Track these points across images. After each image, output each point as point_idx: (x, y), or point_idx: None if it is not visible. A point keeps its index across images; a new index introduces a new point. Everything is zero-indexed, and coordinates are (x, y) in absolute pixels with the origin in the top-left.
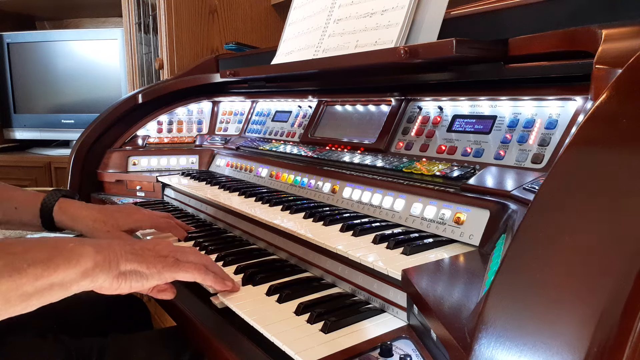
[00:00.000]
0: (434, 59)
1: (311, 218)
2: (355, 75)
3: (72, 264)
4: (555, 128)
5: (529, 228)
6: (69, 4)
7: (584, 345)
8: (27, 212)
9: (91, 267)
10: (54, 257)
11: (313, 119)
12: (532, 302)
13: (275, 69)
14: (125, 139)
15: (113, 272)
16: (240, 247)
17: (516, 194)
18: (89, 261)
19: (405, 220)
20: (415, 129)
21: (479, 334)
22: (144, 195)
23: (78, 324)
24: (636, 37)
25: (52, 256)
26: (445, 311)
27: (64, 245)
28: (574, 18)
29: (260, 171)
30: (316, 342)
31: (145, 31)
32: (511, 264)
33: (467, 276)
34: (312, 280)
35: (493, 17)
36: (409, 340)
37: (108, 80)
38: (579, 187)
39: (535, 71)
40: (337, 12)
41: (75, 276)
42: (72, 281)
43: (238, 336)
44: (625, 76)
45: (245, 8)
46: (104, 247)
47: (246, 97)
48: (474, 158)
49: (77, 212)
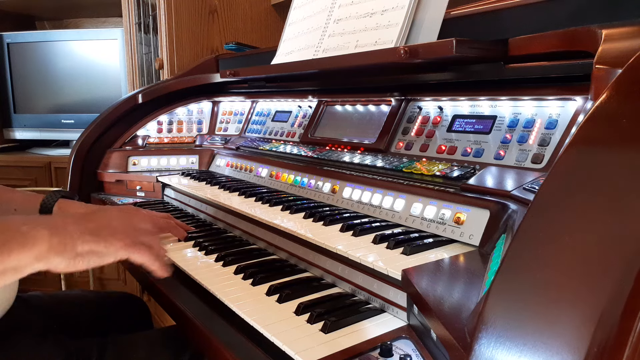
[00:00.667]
0: (434, 59)
1: (311, 218)
2: (355, 75)
3: (27, 248)
4: (555, 128)
5: (529, 228)
6: (69, 4)
7: (584, 345)
8: (26, 213)
9: (45, 250)
10: (7, 241)
11: (313, 119)
12: (532, 302)
13: (275, 69)
14: (125, 139)
15: (69, 254)
16: (240, 247)
17: (516, 194)
18: (44, 244)
19: (405, 220)
20: (415, 129)
21: (479, 334)
22: (144, 195)
23: (78, 324)
24: (636, 37)
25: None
26: (445, 311)
27: (17, 228)
28: (574, 18)
29: (260, 171)
30: (316, 342)
31: (145, 31)
32: (511, 264)
33: (467, 276)
34: (312, 280)
35: (493, 17)
36: (409, 340)
37: (108, 80)
38: (579, 187)
39: (535, 71)
40: (337, 12)
41: (30, 260)
42: (25, 265)
43: (238, 336)
44: (625, 76)
45: (245, 8)
46: (60, 228)
47: (246, 97)
48: (474, 158)
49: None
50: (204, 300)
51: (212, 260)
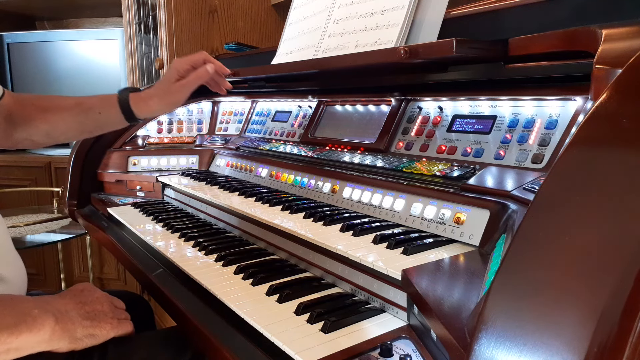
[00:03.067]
0: (434, 59)
1: (311, 218)
2: (355, 75)
3: (33, 333)
4: (555, 128)
5: (529, 228)
6: (69, 4)
7: (584, 345)
8: (110, 113)
9: (48, 338)
10: (18, 324)
11: (313, 119)
12: (532, 302)
13: (275, 69)
14: (125, 139)
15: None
16: (240, 247)
17: (516, 194)
18: (48, 331)
19: (405, 220)
20: (415, 129)
21: (479, 333)
22: (144, 196)
23: None
24: (636, 37)
25: (17, 323)
26: (445, 311)
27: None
28: (574, 18)
29: (260, 171)
30: (316, 342)
31: (145, 31)
32: (511, 264)
33: (467, 276)
34: (312, 280)
35: (493, 17)
36: (409, 340)
37: (108, 80)
38: (579, 187)
39: (536, 71)
40: (337, 12)
41: (34, 344)
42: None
43: (238, 336)
44: (625, 76)
45: (245, 8)
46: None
47: (246, 97)
48: (474, 158)
49: (147, 103)
50: (204, 300)
51: (212, 260)
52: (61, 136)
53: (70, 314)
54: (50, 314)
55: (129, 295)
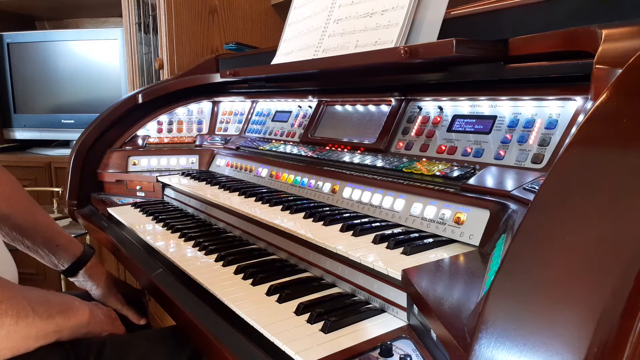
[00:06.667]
0: (434, 59)
1: (311, 218)
2: (355, 75)
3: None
4: (555, 128)
5: (529, 228)
6: (69, 4)
7: (584, 345)
8: (64, 254)
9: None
10: (67, 310)
11: (313, 119)
12: (532, 302)
13: (275, 69)
14: (125, 139)
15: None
16: (240, 247)
17: (516, 194)
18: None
19: (405, 220)
20: (415, 129)
21: (479, 334)
22: (144, 196)
23: None
24: (636, 37)
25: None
26: (445, 311)
27: (72, 301)
28: (574, 18)
29: (260, 171)
30: (316, 342)
31: (145, 31)
32: (511, 264)
33: (467, 276)
34: (312, 280)
35: (493, 17)
36: (409, 340)
37: (108, 80)
38: (579, 187)
39: (536, 71)
40: (337, 12)
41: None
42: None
43: (238, 336)
44: (625, 76)
45: (245, 8)
46: (93, 310)
47: (246, 97)
48: (474, 158)
49: (99, 277)
50: (203, 300)
51: (212, 260)
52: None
53: (96, 312)
54: (84, 304)
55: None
